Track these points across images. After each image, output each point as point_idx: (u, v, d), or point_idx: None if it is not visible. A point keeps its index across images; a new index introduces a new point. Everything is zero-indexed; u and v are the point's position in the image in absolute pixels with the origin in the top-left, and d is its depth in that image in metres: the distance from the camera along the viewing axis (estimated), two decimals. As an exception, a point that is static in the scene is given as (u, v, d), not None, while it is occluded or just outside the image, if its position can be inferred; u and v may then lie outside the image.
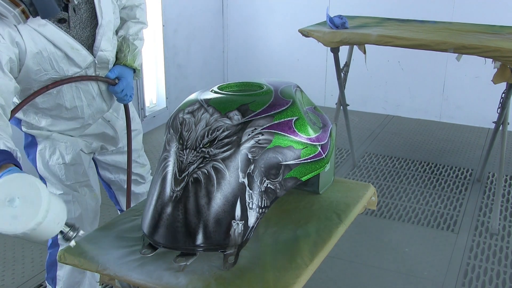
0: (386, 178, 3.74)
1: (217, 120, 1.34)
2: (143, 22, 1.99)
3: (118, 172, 2.18)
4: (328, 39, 3.25)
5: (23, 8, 1.47)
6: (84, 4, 1.70)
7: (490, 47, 2.79)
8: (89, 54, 1.75)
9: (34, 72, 1.65)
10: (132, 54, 1.91)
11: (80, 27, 1.70)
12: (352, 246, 2.91)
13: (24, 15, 1.49)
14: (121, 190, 2.23)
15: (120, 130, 2.08)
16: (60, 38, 1.64)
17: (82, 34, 1.71)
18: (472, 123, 4.77)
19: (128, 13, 1.95)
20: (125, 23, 1.94)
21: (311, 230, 1.45)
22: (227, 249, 1.29)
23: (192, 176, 1.29)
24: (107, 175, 2.17)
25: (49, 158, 1.87)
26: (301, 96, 1.57)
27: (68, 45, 1.66)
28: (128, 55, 1.90)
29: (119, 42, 1.92)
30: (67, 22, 1.66)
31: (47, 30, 1.60)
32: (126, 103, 2.00)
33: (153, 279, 1.26)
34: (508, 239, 2.97)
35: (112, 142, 2.08)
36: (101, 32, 1.75)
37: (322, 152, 1.47)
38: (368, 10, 4.52)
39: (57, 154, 1.88)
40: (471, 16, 4.24)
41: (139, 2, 1.97)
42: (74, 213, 1.93)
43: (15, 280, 2.64)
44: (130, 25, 1.94)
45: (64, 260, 1.39)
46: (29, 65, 1.62)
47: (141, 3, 1.99)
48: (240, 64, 5.63)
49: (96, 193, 2.06)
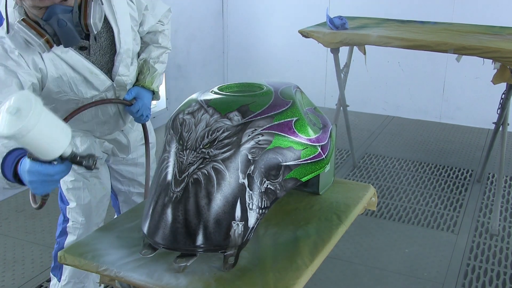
0: (386, 179, 3.74)
1: (217, 121, 1.34)
2: (166, 47, 2.08)
3: (128, 184, 2.22)
4: (328, 40, 3.25)
5: (48, 38, 1.59)
6: (104, 33, 1.79)
7: (490, 48, 2.80)
8: (107, 78, 1.84)
9: (55, 93, 1.75)
10: (151, 76, 1.99)
11: (100, 53, 1.80)
12: (352, 247, 2.91)
13: (48, 44, 1.60)
14: (126, 202, 2.25)
15: (133, 141, 2.12)
16: (80, 63, 1.74)
17: (101, 60, 1.81)
18: (472, 124, 4.77)
19: (152, 37, 2.04)
20: (147, 47, 2.03)
21: (311, 231, 1.46)
22: (227, 250, 1.29)
23: (192, 177, 1.29)
24: (117, 186, 2.22)
25: None
26: (301, 97, 1.57)
27: (87, 70, 1.76)
28: (147, 77, 1.98)
29: (140, 64, 2.00)
30: (88, 49, 1.75)
31: (68, 56, 1.71)
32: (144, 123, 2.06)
33: (153, 279, 1.26)
34: (508, 240, 2.97)
35: (124, 150, 2.12)
36: (119, 59, 1.84)
37: (322, 153, 1.47)
38: (368, 11, 4.52)
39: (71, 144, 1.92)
40: (471, 17, 4.25)
41: (162, 28, 2.06)
42: (84, 200, 1.99)
43: (15, 281, 2.64)
44: (152, 49, 2.03)
45: (64, 260, 1.39)
46: (50, 87, 1.72)
47: (164, 29, 2.07)
48: (240, 65, 5.63)
49: (105, 187, 2.10)
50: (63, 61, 1.71)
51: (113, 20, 1.80)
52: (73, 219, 2.02)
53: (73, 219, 2.01)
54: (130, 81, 1.95)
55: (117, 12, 1.80)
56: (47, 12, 1.57)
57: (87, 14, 1.63)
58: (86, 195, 2.01)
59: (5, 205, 3.35)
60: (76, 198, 1.99)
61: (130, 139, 2.11)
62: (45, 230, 3.07)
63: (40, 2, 1.54)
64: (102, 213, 2.11)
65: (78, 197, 1.99)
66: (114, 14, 1.79)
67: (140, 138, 2.14)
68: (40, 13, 1.57)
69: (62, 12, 1.58)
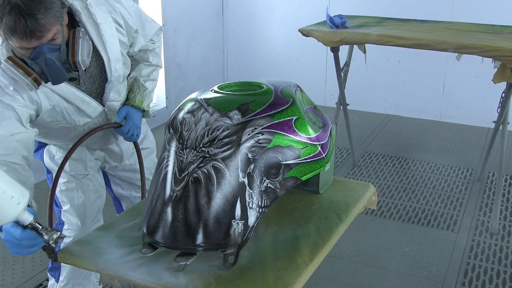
0: (386, 178, 3.74)
1: (217, 119, 1.34)
2: (156, 65, 2.06)
3: (130, 189, 2.22)
4: (328, 39, 3.25)
5: (35, 76, 1.59)
6: (94, 61, 1.78)
7: (490, 47, 2.79)
8: (99, 105, 1.84)
9: (47, 122, 1.77)
10: (142, 95, 1.97)
11: (90, 81, 1.81)
12: (352, 245, 2.91)
13: (36, 82, 1.60)
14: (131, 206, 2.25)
15: (126, 149, 2.11)
16: (71, 94, 1.74)
17: (91, 87, 1.81)
18: (472, 122, 4.77)
19: (142, 55, 2.02)
20: (137, 65, 2.02)
21: (311, 230, 1.45)
22: (227, 249, 1.29)
23: (192, 175, 1.29)
24: (119, 191, 2.22)
25: (55, 153, 1.98)
26: (301, 95, 1.57)
27: (79, 99, 1.77)
28: (138, 96, 1.96)
29: (130, 83, 1.98)
30: (78, 79, 1.77)
31: (59, 88, 1.71)
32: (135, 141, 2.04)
33: (153, 278, 1.26)
34: (508, 238, 2.97)
35: (116, 158, 2.12)
36: (109, 87, 1.84)
37: (322, 151, 1.47)
38: (368, 9, 4.52)
39: (62, 150, 1.98)
40: (471, 16, 4.24)
41: (153, 47, 2.04)
42: (77, 200, 1.99)
43: (15, 279, 2.64)
44: (142, 67, 2.01)
45: (64, 260, 1.39)
46: (43, 117, 1.74)
47: (155, 47, 2.05)
48: (240, 64, 5.63)
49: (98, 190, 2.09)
50: (55, 93, 1.71)
51: (103, 49, 1.77)
52: (68, 222, 2.01)
53: (68, 221, 2.01)
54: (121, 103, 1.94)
55: (107, 41, 1.77)
56: (34, 52, 1.56)
57: (75, 51, 1.63)
58: (80, 196, 2.00)
59: (5, 204, 3.35)
60: (70, 199, 1.99)
61: (123, 148, 2.10)
62: (45, 229, 3.07)
63: (27, 44, 1.52)
64: (97, 214, 2.09)
65: (72, 198, 1.99)
66: (103, 43, 1.77)
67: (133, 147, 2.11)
68: (27, 53, 1.57)
69: (49, 51, 1.57)
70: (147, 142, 2.20)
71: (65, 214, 2.00)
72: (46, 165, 2.01)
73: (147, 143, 2.20)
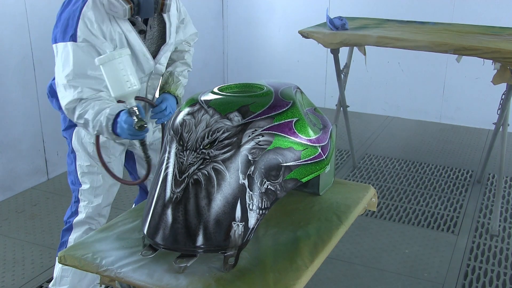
0: (386, 180, 3.74)
1: (217, 121, 1.34)
2: (189, 65, 2.32)
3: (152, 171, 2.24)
4: (328, 40, 3.25)
5: (132, 6, 1.84)
6: (156, 25, 2.05)
7: (490, 48, 2.79)
8: (153, 63, 2.06)
9: None
10: (176, 84, 2.19)
11: (151, 42, 2.05)
12: (352, 247, 2.91)
13: (130, 11, 1.85)
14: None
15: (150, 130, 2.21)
16: (138, 45, 1.97)
17: (150, 47, 2.04)
18: (472, 124, 4.77)
19: (178, 55, 2.29)
20: (174, 63, 2.26)
21: (311, 232, 1.46)
22: (227, 251, 1.29)
23: (192, 177, 1.29)
24: (143, 172, 2.32)
25: (83, 136, 2.10)
26: (301, 97, 1.57)
27: (141, 52, 1.99)
28: (172, 85, 2.18)
29: (166, 76, 2.20)
30: (145, 34, 2.00)
31: (131, 36, 1.94)
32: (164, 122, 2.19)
33: (154, 280, 1.26)
34: (508, 240, 2.97)
35: None
36: (165, 49, 2.09)
37: (322, 153, 1.47)
38: (368, 11, 4.52)
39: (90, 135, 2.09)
40: (471, 17, 4.25)
41: (189, 48, 2.33)
42: (97, 183, 2.15)
43: (15, 281, 2.64)
44: (178, 65, 2.26)
45: (65, 261, 1.39)
46: None
47: (190, 49, 2.34)
48: (240, 66, 5.63)
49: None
50: (126, 39, 1.93)
51: (167, 15, 2.05)
52: (85, 199, 2.16)
53: (86, 199, 2.15)
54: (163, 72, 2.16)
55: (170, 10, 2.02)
56: None
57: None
58: (99, 179, 2.15)
59: (5, 206, 3.35)
60: (91, 181, 2.14)
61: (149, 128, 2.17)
62: (45, 231, 3.07)
63: None
64: (110, 198, 2.24)
65: (92, 180, 2.14)
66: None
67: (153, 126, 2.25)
68: None
69: None
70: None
71: (83, 193, 2.15)
72: (72, 145, 2.13)
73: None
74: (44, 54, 3.48)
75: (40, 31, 3.44)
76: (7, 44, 3.28)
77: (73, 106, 1.87)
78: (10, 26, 3.29)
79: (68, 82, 1.84)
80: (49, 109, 3.58)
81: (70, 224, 2.19)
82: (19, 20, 3.33)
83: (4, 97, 3.28)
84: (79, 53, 1.83)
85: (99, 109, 1.84)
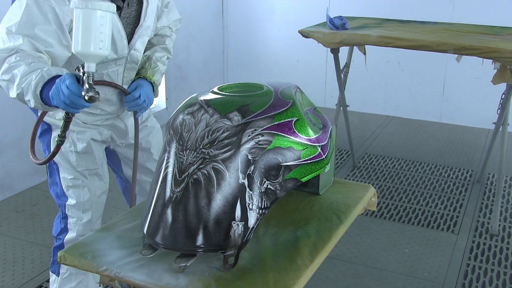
0: (386, 179, 3.74)
1: (217, 121, 1.34)
2: (169, 51, 2.16)
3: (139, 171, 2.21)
4: (328, 40, 3.25)
5: None
6: (135, 5, 1.88)
7: (490, 48, 2.79)
8: (127, 47, 1.88)
9: None
10: (153, 70, 2.04)
11: (127, 22, 1.88)
12: (352, 247, 2.91)
13: None
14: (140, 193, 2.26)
15: (130, 126, 2.12)
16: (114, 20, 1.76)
17: (126, 28, 1.87)
18: (472, 124, 4.77)
19: (159, 39, 2.13)
20: (153, 47, 2.11)
21: (311, 231, 1.45)
22: (227, 250, 1.29)
23: (192, 177, 1.29)
24: (129, 173, 2.22)
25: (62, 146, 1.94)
26: (301, 97, 1.57)
27: (116, 28, 1.80)
28: (149, 71, 2.04)
29: (143, 60, 2.05)
30: (120, 11, 1.82)
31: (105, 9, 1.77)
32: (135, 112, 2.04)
33: (153, 280, 1.26)
34: (508, 240, 2.97)
35: (123, 135, 2.13)
36: (139, 32, 1.91)
37: (322, 153, 1.47)
38: (368, 11, 4.52)
39: (69, 141, 1.97)
40: (471, 17, 4.24)
41: (170, 33, 2.17)
42: (83, 197, 2.02)
43: (15, 281, 2.64)
44: (157, 49, 2.11)
45: (64, 260, 1.39)
46: None
47: (172, 34, 2.18)
48: (240, 65, 5.63)
49: (105, 182, 2.12)
50: None
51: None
52: (73, 216, 2.03)
53: (73, 215, 2.03)
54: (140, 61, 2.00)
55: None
56: None
57: None
58: (86, 193, 2.02)
59: (5, 205, 3.35)
60: (76, 196, 2.01)
61: (128, 124, 2.11)
62: (44, 231, 3.07)
63: None
64: (101, 209, 2.13)
65: (78, 195, 2.01)
66: None
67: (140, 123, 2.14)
68: None
69: None
70: (152, 122, 2.22)
71: (70, 208, 2.02)
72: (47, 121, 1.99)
73: (152, 122, 2.22)
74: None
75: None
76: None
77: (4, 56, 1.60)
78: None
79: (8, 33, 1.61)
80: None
81: (61, 242, 2.07)
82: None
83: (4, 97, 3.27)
84: (33, 8, 1.62)
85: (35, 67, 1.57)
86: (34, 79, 1.55)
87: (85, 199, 2.02)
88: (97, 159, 2.03)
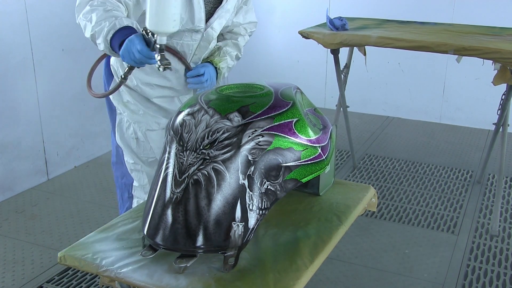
0: (386, 180, 3.74)
1: (217, 121, 1.34)
2: (240, 49, 2.19)
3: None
4: (328, 41, 3.25)
5: None
6: None
7: (490, 49, 2.79)
8: (204, 20, 1.91)
9: None
10: (220, 58, 2.08)
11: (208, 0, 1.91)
12: (352, 247, 2.91)
13: None
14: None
15: None
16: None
17: (206, 7, 1.90)
18: (472, 124, 4.77)
19: (232, 36, 2.19)
20: (225, 41, 2.16)
21: (311, 232, 1.46)
22: (227, 251, 1.29)
23: (192, 177, 1.29)
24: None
25: (125, 131, 2.08)
26: (301, 97, 1.57)
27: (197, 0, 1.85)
28: (216, 57, 2.07)
29: (214, 49, 2.09)
30: None
31: None
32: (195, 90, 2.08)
33: (153, 280, 1.26)
34: (508, 240, 2.97)
35: None
36: (219, 13, 1.95)
37: (322, 153, 1.47)
38: (368, 11, 4.52)
39: (131, 129, 2.06)
40: (471, 18, 4.24)
41: (245, 33, 2.23)
42: (143, 181, 2.12)
43: (15, 281, 2.64)
44: (229, 44, 2.16)
45: (64, 261, 1.39)
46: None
47: (246, 34, 2.23)
48: (240, 66, 5.61)
49: None
50: None
51: None
52: (139, 196, 2.13)
53: (139, 196, 2.13)
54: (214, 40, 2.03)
55: None
56: None
57: None
58: (144, 177, 2.13)
59: (5, 206, 3.35)
60: (138, 179, 2.12)
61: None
62: (45, 231, 3.07)
63: None
64: None
65: (139, 178, 2.13)
66: None
67: None
68: None
69: None
70: None
71: (136, 189, 2.14)
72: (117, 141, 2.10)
73: None
74: (44, 54, 3.48)
75: (40, 31, 3.44)
76: (7, 44, 3.28)
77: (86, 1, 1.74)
78: (10, 26, 3.29)
79: None
80: (49, 109, 3.59)
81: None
82: (18, 20, 3.33)
83: (4, 97, 3.28)
84: None
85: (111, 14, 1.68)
86: (108, 25, 1.65)
87: (144, 182, 2.12)
88: (154, 148, 2.07)
